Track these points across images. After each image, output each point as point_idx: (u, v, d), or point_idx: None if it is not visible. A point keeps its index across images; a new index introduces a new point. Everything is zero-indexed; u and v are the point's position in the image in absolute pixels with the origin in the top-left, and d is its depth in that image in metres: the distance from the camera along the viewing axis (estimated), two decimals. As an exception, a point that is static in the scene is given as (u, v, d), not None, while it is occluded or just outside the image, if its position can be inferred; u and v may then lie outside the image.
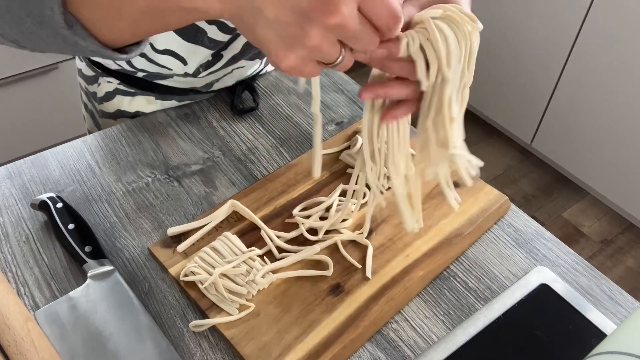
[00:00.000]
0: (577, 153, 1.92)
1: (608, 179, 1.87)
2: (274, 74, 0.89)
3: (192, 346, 0.55)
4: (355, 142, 0.73)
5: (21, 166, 0.72)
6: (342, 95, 0.86)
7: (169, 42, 0.69)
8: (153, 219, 0.67)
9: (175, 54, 0.71)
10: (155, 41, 0.68)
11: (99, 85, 0.81)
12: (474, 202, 0.68)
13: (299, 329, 0.55)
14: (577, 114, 1.85)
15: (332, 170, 0.71)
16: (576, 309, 0.58)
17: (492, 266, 0.64)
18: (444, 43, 0.43)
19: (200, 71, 0.76)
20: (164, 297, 0.59)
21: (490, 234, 0.67)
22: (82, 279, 0.59)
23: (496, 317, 0.57)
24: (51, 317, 0.56)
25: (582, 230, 1.89)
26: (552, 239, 0.67)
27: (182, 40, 0.70)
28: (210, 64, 0.75)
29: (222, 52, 0.75)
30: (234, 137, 0.78)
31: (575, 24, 1.75)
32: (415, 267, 0.61)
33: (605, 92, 1.76)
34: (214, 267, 0.58)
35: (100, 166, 0.73)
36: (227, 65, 0.78)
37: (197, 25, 0.69)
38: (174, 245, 0.62)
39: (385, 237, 0.64)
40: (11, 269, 0.61)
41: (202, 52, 0.72)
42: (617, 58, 1.69)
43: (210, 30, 0.70)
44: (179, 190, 0.70)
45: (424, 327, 0.58)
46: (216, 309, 0.56)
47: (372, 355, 0.55)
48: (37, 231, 0.64)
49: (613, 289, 0.62)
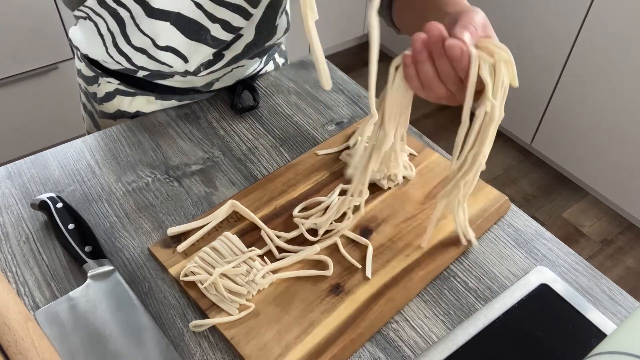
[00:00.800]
0: (577, 153, 1.92)
1: (608, 179, 1.87)
2: (274, 73, 0.89)
3: (192, 346, 0.55)
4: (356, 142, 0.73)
5: (21, 166, 0.72)
6: (342, 95, 0.86)
7: (171, 38, 0.69)
8: (153, 219, 0.67)
9: (177, 51, 0.71)
10: (157, 38, 0.68)
11: (99, 86, 0.81)
12: (474, 202, 0.68)
13: (299, 329, 0.55)
14: (577, 114, 1.85)
15: (332, 170, 0.71)
16: (576, 309, 0.58)
17: (492, 266, 0.64)
18: (506, 76, 0.45)
19: (200, 70, 0.76)
20: (164, 297, 0.59)
21: (490, 234, 0.67)
22: (82, 279, 0.60)
23: (496, 317, 0.57)
24: (51, 317, 0.56)
25: (582, 230, 1.89)
26: (552, 239, 0.67)
27: (185, 38, 0.70)
28: (211, 63, 0.76)
29: (223, 51, 0.75)
30: (234, 137, 0.78)
31: (576, 24, 1.75)
32: (415, 267, 0.61)
33: (605, 92, 1.76)
34: (214, 267, 0.58)
35: (100, 166, 0.73)
36: (228, 65, 0.78)
37: (201, 23, 0.69)
38: (174, 245, 0.62)
39: (385, 237, 0.64)
40: (11, 269, 0.61)
41: (204, 50, 0.72)
42: (617, 58, 1.69)
43: (213, 29, 0.70)
44: (179, 190, 0.70)
45: (424, 327, 0.58)
46: (216, 309, 0.56)
47: (372, 355, 0.55)
48: (37, 231, 0.64)
49: (613, 289, 0.62)
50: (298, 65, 0.91)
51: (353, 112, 0.83)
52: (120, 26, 0.69)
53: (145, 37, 0.69)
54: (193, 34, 0.70)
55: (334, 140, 0.76)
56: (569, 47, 1.80)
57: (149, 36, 0.69)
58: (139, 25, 0.68)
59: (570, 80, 1.84)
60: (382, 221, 0.65)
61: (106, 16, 0.69)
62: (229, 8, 0.69)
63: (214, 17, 0.69)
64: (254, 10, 0.71)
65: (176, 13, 0.66)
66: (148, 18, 0.66)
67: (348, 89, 0.87)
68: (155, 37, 0.69)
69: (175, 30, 0.68)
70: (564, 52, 1.82)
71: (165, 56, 0.72)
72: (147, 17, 0.66)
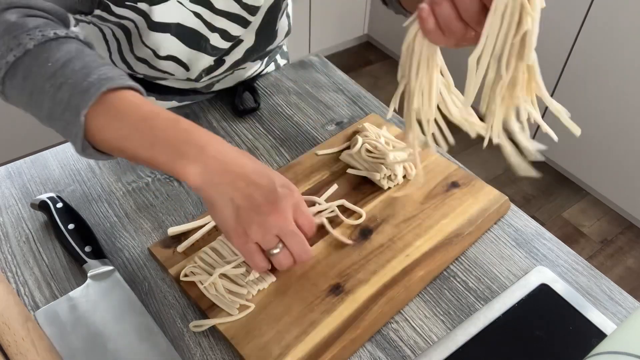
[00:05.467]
0: (577, 153, 1.92)
1: (608, 179, 1.87)
2: (274, 74, 0.89)
3: (192, 346, 0.55)
4: (356, 142, 0.73)
5: (21, 166, 0.72)
6: (342, 95, 0.86)
7: (172, 48, 0.69)
8: (153, 219, 0.67)
9: (179, 60, 0.71)
10: (158, 48, 0.68)
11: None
12: (474, 202, 0.68)
13: (299, 329, 0.55)
14: (577, 114, 1.85)
15: (332, 170, 0.71)
16: (576, 309, 0.58)
17: (492, 266, 0.64)
18: None
19: (202, 76, 0.76)
20: (164, 297, 0.59)
21: (490, 234, 0.67)
22: (82, 279, 0.60)
23: (496, 317, 0.57)
24: (51, 317, 0.56)
25: (582, 230, 1.89)
26: (552, 239, 0.67)
27: (186, 47, 0.69)
28: (213, 69, 0.75)
29: (224, 57, 0.75)
30: (234, 137, 0.78)
31: (575, 24, 1.75)
32: (415, 267, 0.61)
33: (605, 92, 1.76)
34: (214, 267, 0.58)
35: (100, 166, 0.73)
36: (229, 69, 0.78)
37: (200, 32, 0.69)
38: (174, 245, 0.62)
39: (385, 237, 0.64)
40: (11, 269, 0.61)
41: (205, 58, 0.72)
42: (617, 58, 1.69)
43: (212, 38, 0.70)
44: (179, 190, 0.70)
45: (424, 327, 0.58)
46: (216, 309, 0.56)
47: (372, 355, 0.55)
48: (37, 231, 0.64)
49: (613, 289, 0.62)
50: (298, 65, 0.91)
51: (353, 112, 0.83)
52: (127, 35, 0.69)
53: (147, 49, 0.69)
54: (194, 43, 0.70)
55: (334, 140, 0.76)
56: (569, 47, 1.80)
57: (151, 48, 0.69)
58: (142, 37, 0.68)
59: (570, 80, 1.84)
60: (382, 221, 0.65)
61: (112, 26, 0.69)
62: (228, 17, 0.69)
63: (212, 27, 0.69)
64: (252, 18, 0.71)
65: (176, 24, 0.66)
66: (150, 31, 0.66)
67: (348, 89, 0.87)
68: (157, 48, 0.69)
69: (176, 40, 0.68)
70: (563, 52, 1.82)
71: (166, 65, 0.71)
72: (149, 30, 0.66)
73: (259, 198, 0.49)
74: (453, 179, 0.71)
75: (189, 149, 0.49)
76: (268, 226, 0.51)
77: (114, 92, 0.50)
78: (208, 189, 0.49)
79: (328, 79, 0.89)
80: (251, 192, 0.49)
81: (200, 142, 0.50)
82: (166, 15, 0.65)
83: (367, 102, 0.85)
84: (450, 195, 0.69)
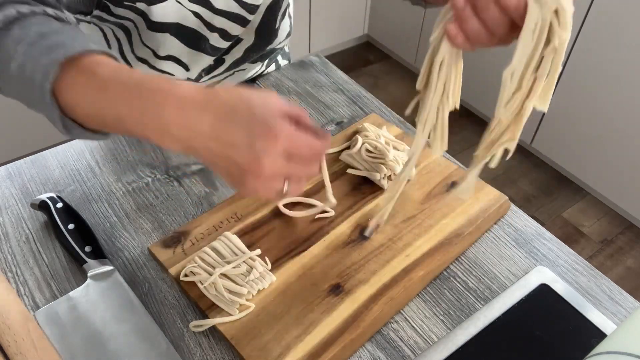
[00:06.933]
0: (577, 153, 1.92)
1: (608, 179, 1.87)
2: (274, 74, 0.89)
3: (192, 346, 0.55)
4: (356, 142, 0.73)
5: (21, 166, 0.72)
6: (342, 95, 0.86)
7: (172, 48, 0.69)
8: (153, 219, 0.67)
9: (178, 60, 0.71)
10: (158, 48, 0.68)
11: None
12: (474, 202, 0.68)
13: (299, 329, 0.55)
14: (577, 114, 1.85)
15: (332, 170, 0.71)
16: (576, 309, 0.58)
17: (492, 266, 0.64)
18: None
19: (202, 76, 0.76)
20: (164, 297, 0.59)
21: (490, 234, 0.67)
22: (82, 279, 0.60)
23: (496, 317, 0.57)
24: (51, 317, 0.56)
25: (582, 230, 1.89)
26: (552, 239, 0.67)
27: (185, 47, 0.69)
28: (212, 69, 0.76)
29: (224, 56, 0.75)
30: (234, 137, 0.78)
31: (575, 24, 1.75)
32: (415, 267, 0.61)
33: (605, 92, 1.76)
34: (214, 267, 0.58)
35: (100, 166, 0.73)
36: (229, 69, 0.78)
37: (200, 32, 0.69)
38: (174, 245, 0.62)
39: (385, 237, 0.64)
40: (11, 269, 0.61)
41: (205, 58, 0.72)
42: (617, 58, 1.69)
43: (212, 38, 0.70)
44: (179, 190, 0.70)
45: (424, 327, 0.58)
46: (216, 309, 0.56)
47: (372, 355, 0.55)
48: (37, 231, 0.64)
49: (613, 289, 0.62)
50: (298, 65, 0.91)
51: (353, 112, 0.83)
52: (127, 35, 0.69)
53: (147, 49, 0.69)
54: (193, 43, 0.70)
55: (334, 140, 0.76)
56: (569, 47, 1.80)
57: (150, 47, 0.68)
58: (141, 37, 0.68)
59: (570, 80, 1.84)
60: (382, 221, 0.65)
61: (112, 26, 0.69)
62: (227, 17, 0.69)
63: (212, 26, 0.69)
64: (251, 17, 0.71)
65: (175, 24, 0.66)
66: (149, 31, 0.66)
67: (348, 89, 0.87)
68: (156, 48, 0.69)
69: (176, 40, 0.68)
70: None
71: (166, 65, 0.71)
72: (148, 30, 0.66)
73: (239, 159, 0.43)
74: (453, 179, 0.71)
75: (150, 120, 0.44)
76: (262, 181, 0.45)
77: (76, 60, 0.46)
78: (192, 154, 0.46)
79: (328, 79, 0.89)
80: (228, 154, 0.44)
81: (158, 111, 0.44)
82: (165, 15, 0.65)
83: (367, 102, 0.85)
84: (450, 195, 0.69)
